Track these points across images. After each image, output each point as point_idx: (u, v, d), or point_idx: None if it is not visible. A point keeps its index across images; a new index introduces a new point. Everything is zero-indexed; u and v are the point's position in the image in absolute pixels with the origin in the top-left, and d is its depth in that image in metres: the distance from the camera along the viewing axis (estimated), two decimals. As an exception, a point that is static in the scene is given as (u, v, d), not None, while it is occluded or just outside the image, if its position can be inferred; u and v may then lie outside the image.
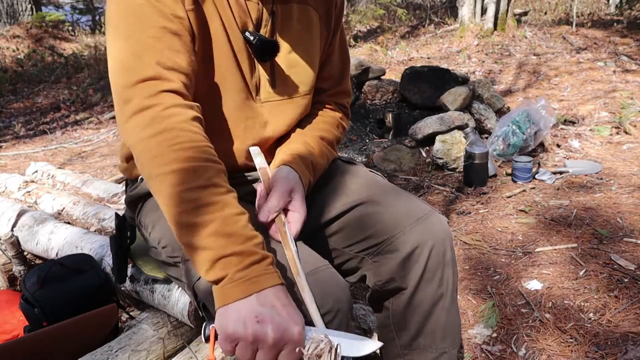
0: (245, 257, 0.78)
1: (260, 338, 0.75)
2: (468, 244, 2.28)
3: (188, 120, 0.85)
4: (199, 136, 0.86)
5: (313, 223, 1.06)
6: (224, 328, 0.76)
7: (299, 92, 1.09)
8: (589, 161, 3.14)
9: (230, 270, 0.78)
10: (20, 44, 8.32)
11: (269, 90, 1.05)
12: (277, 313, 0.76)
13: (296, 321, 0.77)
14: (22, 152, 4.40)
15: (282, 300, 0.78)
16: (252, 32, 0.99)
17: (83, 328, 1.35)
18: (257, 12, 1.00)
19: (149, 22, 0.87)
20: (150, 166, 0.83)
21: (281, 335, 0.75)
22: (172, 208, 0.81)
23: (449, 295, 1.06)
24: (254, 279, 0.77)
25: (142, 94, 0.84)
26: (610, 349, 1.57)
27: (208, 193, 0.81)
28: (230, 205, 0.82)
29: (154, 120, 0.83)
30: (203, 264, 0.80)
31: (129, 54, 0.87)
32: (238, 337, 0.75)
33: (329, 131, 1.17)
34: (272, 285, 0.78)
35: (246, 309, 0.76)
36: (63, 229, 1.87)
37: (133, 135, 0.85)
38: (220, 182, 0.83)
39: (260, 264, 0.79)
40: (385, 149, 3.39)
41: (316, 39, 1.11)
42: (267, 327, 0.74)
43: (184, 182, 0.80)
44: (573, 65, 5.88)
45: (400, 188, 1.16)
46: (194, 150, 0.83)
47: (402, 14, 9.44)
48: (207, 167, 0.83)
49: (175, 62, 0.88)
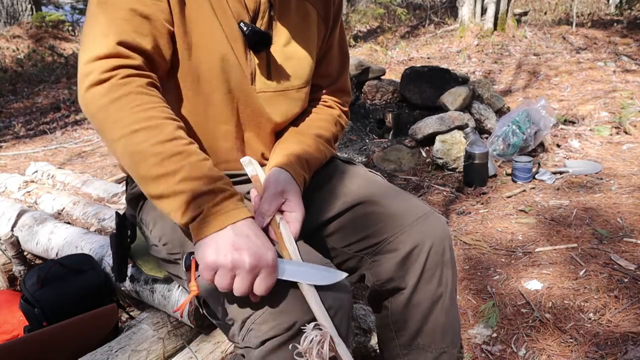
0: (217, 193, 0.85)
1: (238, 264, 0.80)
2: (468, 244, 2.28)
3: (143, 85, 0.89)
4: (155, 98, 0.89)
5: (312, 223, 1.06)
6: (204, 258, 0.82)
7: (295, 85, 1.10)
8: (589, 161, 3.14)
9: (204, 206, 0.84)
10: (20, 44, 8.32)
11: (264, 81, 1.06)
12: (251, 242, 0.82)
13: (269, 248, 0.84)
14: (22, 152, 4.40)
15: (255, 230, 0.85)
16: (246, 23, 1.00)
17: (83, 328, 1.35)
18: (254, 4, 1.01)
19: (120, 3, 0.90)
20: (113, 130, 0.86)
21: (257, 261, 0.81)
22: (139, 164, 0.85)
23: (448, 295, 1.06)
24: (228, 212, 0.84)
25: (101, 68, 0.87)
26: (610, 349, 1.57)
27: (172, 145, 0.85)
28: (194, 153, 0.87)
29: (112, 89, 0.87)
30: (178, 209, 0.84)
31: (95, 32, 0.90)
32: (218, 265, 0.81)
33: (326, 128, 1.17)
34: (245, 218, 0.85)
35: (223, 239, 0.82)
36: (63, 229, 1.87)
37: (92, 104, 0.88)
38: (181, 134, 0.88)
39: (232, 199, 0.86)
40: (385, 149, 3.39)
41: (313, 34, 1.11)
42: (244, 254, 0.80)
43: (148, 139, 0.85)
44: (573, 65, 5.88)
45: (400, 188, 1.16)
46: (154, 110, 0.87)
47: (402, 13, 9.45)
48: (167, 123, 0.87)
49: (138, 44, 0.91)
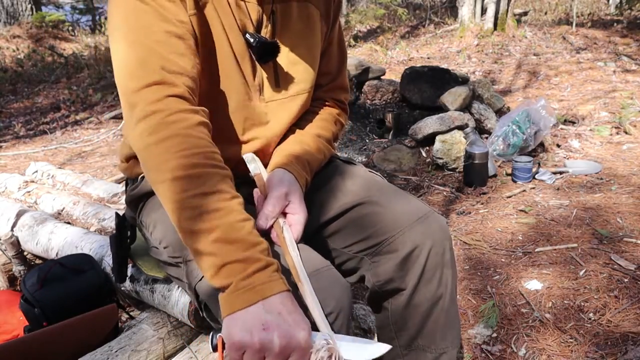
0: (249, 264, 0.78)
1: (267, 346, 0.74)
2: (468, 244, 2.28)
3: (193, 126, 0.85)
4: (203, 141, 0.86)
5: (312, 223, 1.06)
6: (230, 337, 0.76)
7: (301, 89, 1.10)
8: (589, 161, 3.14)
9: (234, 278, 0.78)
10: (20, 44, 8.32)
11: (271, 90, 1.06)
12: (283, 320, 0.76)
13: (302, 327, 0.76)
14: (22, 152, 4.40)
15: (288, 306, 0.77)
16: (252, 34, 0.99)
17: (83, 328, 1.35)
18: (257, 13, 1.01)
19: (153, 26, 0.88)
20: (156, 173, 0.84)
21: (288, 342, 0.75)
22: (177, 214, 0.82)
23: (448, 295, 1.06)
24: (259, 286, 0.77)
25: (147, 100, 0.84)
26: (610, 349, 1.57)
27: (212, 200, 0.81)
28: (234, 212, 0.82)
29: (159, 127, 0.83)
30: (208, 269, 0.80)
31: (134, 59, 0.87)
32: (245, 346, 0.75)
33: (326, 128, 1.17)
34: (278, 292, 0.78)
35: (252, 317, 0.76)
36: (63, 229, 1.87)
37: (139, 141, 0.85)
38: (225, 188, 0.83)
39: (265, 270, 0.79)
40: (385, 149, 3.39)
41: (317, 36, 1.11)
42: (274, 335, 0.74)
43: (188, 189, 0.81)
44: (573, 65, 5.88)
45: (400, 188, 1.16)
46: (199, 156, 0.83)
47: (403, 13, 9.45)
48: (211, 174, 0.83)
49: (179, 66, 0.88)
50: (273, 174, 1.00)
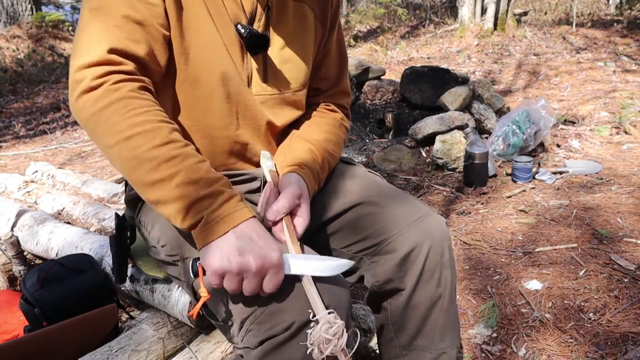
0: (215, 197, 0.84)
1: (244, 268, 0.81)
2: (468, 244, 2.28)
3: (135, 89, 0.88)
4: (148, 101, 0.88)
5: (312, 223, 1.06)
6: (209, 265, 0.82)
7: (291, 88, 1.10)
8: (589, 161, 3.14)
9: (204, 212, 0.83)
10: (20, 44, 8.32)
11: (260, 84, 1.06)
12: (255, 243, 0.82)
13: (274, 248, 0.83)
14: (22, 152, 4.40)
15: (257, 231, 0.85)
16: (244, 25, 1.00)
17: (83, 328, 1.35)
18: (252, 6, 1.01)
19: (113, 10, 0.89)
20: (107, 136, 0.86)
21: (262, 262, 0.81)
22: (135, 170, 0.85)
23: (448, 295, 1.06)
24: (229, 216, 0.84)
25: (92, 75, 0.86)
26: (610, 349, 1.57)
27: (167, 149, 0.84)
28: (190, 156, 0.86)
29: (104, 95, 0.86)
30: (177, 214, 0.84)
31: (87, 39, 0.89)
32: (224, 271, 0.81)
33: (334, 133, 1.17)
34: (246, 219, 0.85)
35: (227, 244, 0.82)
36: (63, 229, 1.87)
37: (84, 111, 0.87)
38: (176, 137, 0.87)
39: (230, 201, 0.85)
40: (385, 149, 3.39)
41: (311, 37, 1.11)
42: (249, 257, 0.81)
43: (142, 144, 0.84)
44: (573, 65, 5.88)
45: (400, 188, 1.16)
46: (147, 114, 0.86)
47: (402, 13, 9.45)
48: (161, 127, 0.86)
49: (131, 50, 0.90)
50: (289, 176, 1.02)
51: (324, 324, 0.81)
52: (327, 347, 0.81)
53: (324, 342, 0.81)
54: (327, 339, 0.81)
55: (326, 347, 0.81)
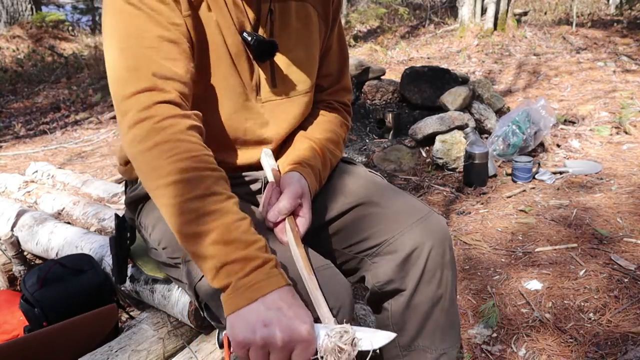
0: (247, 262, 0.79)
1: (269, 341, 0.76)
2: (468, 244, 2.28)
3: (184, 130, 0.85)
4: (196, 145, 0.85)
5: (312, 223, 1.06)
6: (234, 336, 0.78)
7: (299, 91, 1.09)
8: (589, 161, 3.14)
9: (233, 277, 0.79)
10: (20, 44, 8.32)
11: (268, 90, 1.05)
12: (283, 315, 0.76)
13: (303, 320, 0.77)
14: (22, 152, 4.40)
15: (288, 301, 0.78)
16: (249, 32, 0.99)
17: (83, 328, 1.35)
18: (255, 12, 1.00)
19: (145, 32, 0.88)
20: (150, 179, 0.84)
21: (290, 336, 0.76)
22: (174, 219, 0.82)
23: (448, 296, 1.06)
24: (258, 284, 0.78)
25: (138, 106, 0.84)
26: (610, 349, 1.57)
27: (207, 202, 0.81)
28: (230, 212, 0.82)
29: (150, 133, 0.83)
30: (209, 272, 0.81)
31: (125, 66, 0.87)
32: (248, 343, 0.77)
33: (335, 132, 1.17)
34: (277, 288, 0.79)
35: (253, 315, 0.77)
36: (63, 229, 1.87)
37: (131, 148, 0.86)
38: (219, 189, 0.83)
39: (263, 268, 0.80)
40: (385, 149, 3.39)
41: (315, 36, 1.10)
42: (275, 330, 0.75)
43: (183, 193, 0.81)
44: (573, 65, 5.88)
45: (400, 188, 1.16)
46: (191, 160, 0.83)
47: (404, 12, 9.44)
48: (205, 177, 0.83)
49: (172, 71, 0.88)
50: (290, 175, 1.01)
51: (337, 332, 0.78)
52: (340, 357, 0.78)
53: (337, 351, 0.78)
54: (340, 347, 0.77)
55: (339, 357, 0.78)
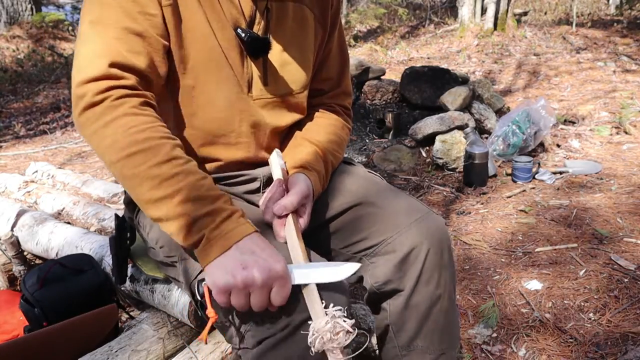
0: (216, 214, 0.84)
1: (249, 282, 0.80)
2: (468, 244, 2.28)
3: (137, 105, 0.88)
4: (150, 117, 0.88)
5: (311, 223, 1.06)
6: (215, 283, 0.82)
7: (292, 91, 1.09)
8: (589, 161, 3.14)
9: (205, 230, 0.83)
10: (20, 44, 8.32)
11: (260, 88, 1.05)
12: (258, 256, 0.82)
13: (277, 259, 0.82)
14: (22, 152, 4.40)
15: (260, 244, 0.84)
16: (244, 29, 0.99)
17: (83, 328, 1.35)
18: (251, 9, 1.00)
19: (111, 22, 0.89)
20: (109, 154, 0.86)
21: (268, 274, 0.80)
22: (138, 188, 0.85)
23: (447, 296, 1.06)
24: (230, 232, 0.84)
25: (94, 91, 0.86)
26: (610, 349, 1.57)
27: (169, 166, 0.85)
28: (192, 173, 0.86)
29: (105, 111, 0.86)
30: (179, 232, 0.84)
31: (87, 54, 0.89)
32: (230, 287, 0.81)
33: (337, 134, 1.18)
34: (248, 234, 0.84)
35: (230, 260, 0.82)
36: (63, 229, 1.87)
37: (87, 128, 0.87)
38: (178, 154, 0.87)
39: (232, 218, 0.85)
40: (385, 149, 3.39)
41: (311, 38, 1.10)
42: (253, 270, 0.80)
43: (145, 162, 0.84)
44: (573, 65, 5.88)
45: (400, 188, 1.16)
46: (149, 130, 0.86)
47: (403, 13, 9.45)
48: (163, 144, 0.86)
49: (132, 63, 0.89)
50: (298, 176, 1.03)
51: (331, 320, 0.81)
52: (329, 343, 0.81)
53: (329, 338, 0.81)
54: (331, 336, 0.81)
55: (328, 343, 0.81)
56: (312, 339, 0.82)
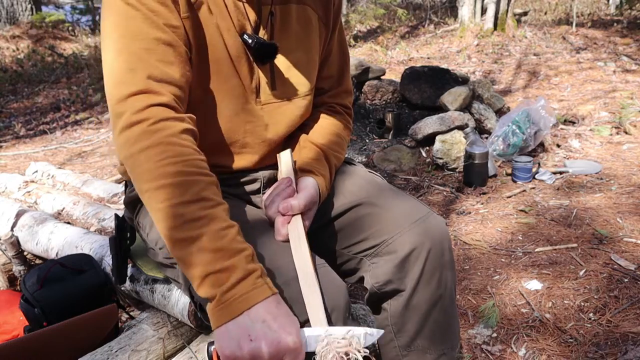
0: (231, 273, 0.78)
1: (256, 355, 0.75)
2: (468, 244, 2.28)
3: (176, 133, 0.85)
4: (188, 149, 0.85)
5: (312, 224, 1.06)
6: (222, 350, 0.77)
7: (299, 93, 1.09)
8: (589, 161, 3.14)
9: (218, 289, 0.78)
10: (20, 44, 8.32)
11: (268, 93, 1.05)
12: (268, 327, 0.76)
13: (289, 331, 0.76)
14: (22, 152, 4.40)
15: (273, 312, 0.77)
16: (250, 34, 0.98)
17: (83, 328, 1.35)
18: (256, 14, 1.00)
19: (142, 33, 0.87)
20: (140, 181, 0.83)
21: (276, 348, 0.75)
22: (162, 223, 0.81)
23: (448, 296, 1.06)
24: (242, 296, 0.77)
25: (132, 109, 0.84)
26: (610, 349, 1.57)
27: (196, 208, 0.80)
28: (218, 219, 0.81)
29: (142, 135, 0.83)
30: (194, 280, 0.80)
31: (121, 68, 0.86)
32: (236, 358, 0.76)
33: (339, 135, 1.18)
34: (262, 300, 0.78)
35: (238, 329, 0.76)
36: (63, 229, 1.87)
37: (124, 150, 0.85)
38: (209, 195, 0.82)
39: (248, 279, 0.78)
40: (385, 149, 3.39)
41: (315, 39, 1.10)
42: (261, 343, 0.75)
43: (172, 198, 0.80)
44: (573, 65, 5.88)
45: (400, 188, 1.16)
46: (182, 164, 0.82)
47: (402, 14, 9.44)
48: (195, 181, 0.82)
49: (167, 74, 0.88)
50: (308, 181, 1.02)
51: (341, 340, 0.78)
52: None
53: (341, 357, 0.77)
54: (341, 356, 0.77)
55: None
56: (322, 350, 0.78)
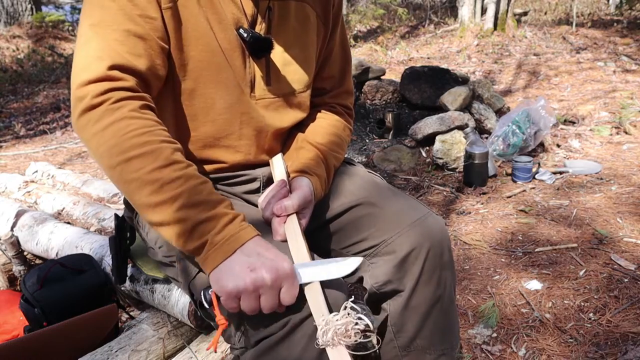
0: (219, 219, 0.84)
1: (259, 283, 0.79)
2: (468, 244, 2.28)
3: (137, 108, 0.87)
4: (150, 121, 0.87)
5: (311, 223, 1.06)
6: (223, 287, 0.80)
7: (295, 90, 1.09)
8: (589, 161, 3.14)
9: (208, 235, 0.83)
10: (20, 44, 8.32)
11: (263, 88, 1.05)
12: (264, 257, 0.82)
13: (283, 258, 0.83)
14: (22, 152, 4.40)
15: (264, 245, 0.84)
16: (246, 29, 0.99)
17: (83, 328, 1.35)
18: (253, 9, 1.00)
19: (114, 24, 0.88)
20: (109, 157, 0.85)
21: (277, 274, 0.80)
22: (138, 192, 0.84)
23: (447, 296, 1.06)
24: (233, 236, 0.83)
25: (93, 93, 0.85)
26: (610, 349, 1.57)
27: (169, 170, 0.84)
28: (193, 177, 0.86)
29: (105, 114, 0.85)
30: (180, 237, 0.83)
31: (89, 55, 0.88)
32: (239, 291, 0.80)
33: (338, 136, 1.17)
34: (251, 238, 0.84)
35: (236, 264, 0.81)
36: (63, 229, 1.87)
37: (85, 131, 0.86)
38: (178, 158, 0.86)
39: (234, 222, 0.85)
40: (385, 149, 3.39)
41: (313, 37, 1.10)
42: (262, 271, 0.80)
43: (146, 166, 0.83)
44: (573, 65, 5.88)
45: (400, 188, 1.16)
46: (149, 134, 0.85)
47: (403, 13, 9.45)
48: (163, 148, 0.85)
49: (132, 65, 0.89)
50: (301, 180, 1.03)
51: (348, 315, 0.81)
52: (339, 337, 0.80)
53: (342, 332, 0.80)
54: (344, 330, 0.80)
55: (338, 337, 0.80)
56: (322, 330, 0.80)
